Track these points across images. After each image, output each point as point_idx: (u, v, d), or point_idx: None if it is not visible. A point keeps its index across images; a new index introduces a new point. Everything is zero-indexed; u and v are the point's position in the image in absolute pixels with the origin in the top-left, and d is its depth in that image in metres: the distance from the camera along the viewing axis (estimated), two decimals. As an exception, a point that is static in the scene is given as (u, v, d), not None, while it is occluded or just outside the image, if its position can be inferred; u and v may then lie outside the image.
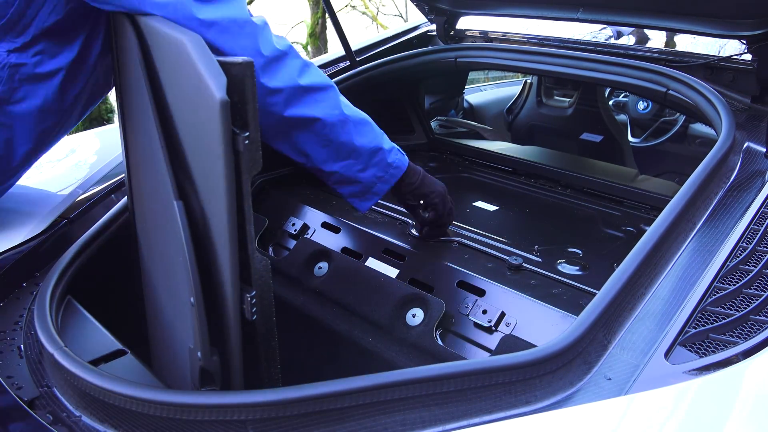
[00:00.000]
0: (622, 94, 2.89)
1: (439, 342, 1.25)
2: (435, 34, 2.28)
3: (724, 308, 0.94)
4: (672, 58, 1.79)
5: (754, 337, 0.87)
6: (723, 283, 0.98)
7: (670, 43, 2.02)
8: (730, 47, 1.74)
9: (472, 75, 3.25)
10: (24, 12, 1.16)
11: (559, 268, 1.37)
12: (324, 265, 1.49)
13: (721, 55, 1.73)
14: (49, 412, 0.99)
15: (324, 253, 1.51)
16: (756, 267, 1.00)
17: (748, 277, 0.98)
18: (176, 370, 1.10)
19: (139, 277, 1.31)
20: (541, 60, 1.87)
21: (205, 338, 0.93)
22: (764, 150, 1.33)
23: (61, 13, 1.17)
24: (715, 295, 0.96)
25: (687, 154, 2.62)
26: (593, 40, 2.10)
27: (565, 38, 2.08)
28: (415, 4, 2.22)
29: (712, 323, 0.91)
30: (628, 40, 2.15)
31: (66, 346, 1.03)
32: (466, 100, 2.91)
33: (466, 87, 2.94)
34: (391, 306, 1.32)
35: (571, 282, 1.31)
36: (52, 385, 1.04)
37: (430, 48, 2.14)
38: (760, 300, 0.93)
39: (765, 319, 0.91)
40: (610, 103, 2.85)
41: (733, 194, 1.19)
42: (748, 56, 1.63)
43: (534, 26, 2.16)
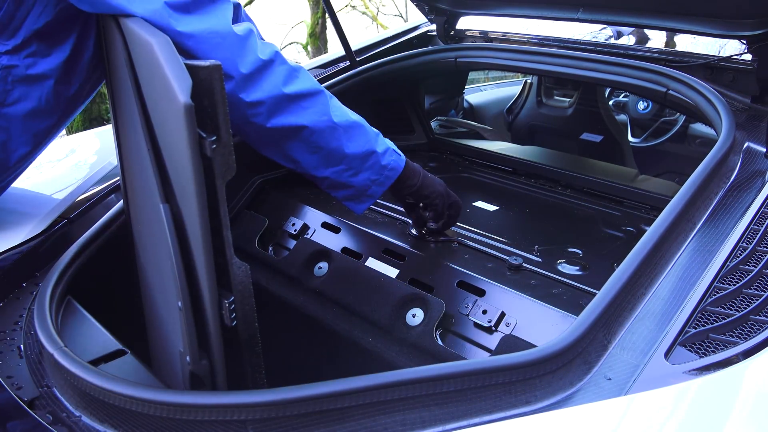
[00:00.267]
0: (622, 94, 2.89)
1: (439, 342, 1.25)
2: (435, 34, 2.28)
3: (724, 308, 0.94)
4: (672, 58, 1.79)
5: (754, 337, 0.87)
6: (723, 283, 0.98)
7: (670, 43, 2.02)
8: (730, 47, 1.74)
9: (472, 75, 3.25)
10: (13, 14, 1.15)
11: (559, 268, 1.37)
12: (324, 265, 1.49)
13: (721, 55, 1.73)
14: (49, 412, 0.99)
15: (324, 253, 1.51)
16: (756, 267, 1.00)
17: (748, 277, 0.98)
18: (173, 371, 1.10)
19: (137, 277, 1.30)
20: (541, 60, 1.87)
21: (194, 342, 0.92)
22: (764, 150, 1.33)
23: (51, 14, 1.17)
24: (715, 295, 0.96)
25: (687, 154, 2.62)
26: (593, 40, 2.10)
27: (565, 38, 2.08)
28: (415, 4, 2.22)
29: (712, 323, 0.91)
30: (628, 40, 2.15)
31: (66, 346, 1.03)
32: (466, 100, 2.91)
33: (466, 87, 2.94)
34: (391, 306, 1.32)
35: (571, 282, 1.31)
36: (52, 385, 1.04)
37: (430, 48, 2.14)
38: (760, 300, 0.93)
39: (765, 319, 0.91)
40: (610, 103, 2.85)
41: (733, 194, 1.19)
42: (748, 56, 1.63)
43: (534, 26, 2.16)
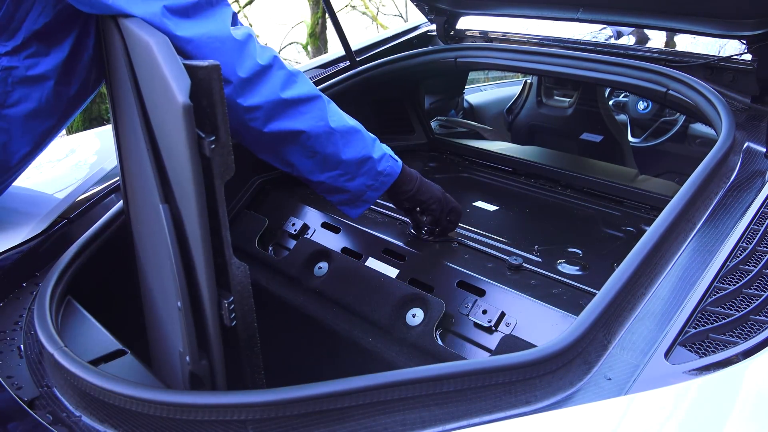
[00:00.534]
0: (622, 94, 2.89)
1: (439, 342, 1.25)
2: (435, 34, 2.28)
3: (724, 308, 0.94)
4: (672, 58, 1.79)
5: (754, 337, 0.87)
6: (723, 283, 0.98)
7: (670, 43, 2.02)
8: (730, 47, 1.74)
9: (472, 75, 3.24)
10: (13, 15, 1.15)
11: (559, 268, 1.37)
12: (324, 265, 1.49)
13: (721, 55, 1.73)
14: (49, 412, 0.99)
15: (324, 253, 1.51)
16: (756, 267, 1.00)
17: (748, 277, 0.98)
18: (172, 371, 1.10)
19: (137, 277, 1.30)
20: (541, 60, 1.87)
21: (193, 342, 0.92)
22: (764, 150, 1.33)
23: (50, 14, 1.16)
24: (715, 295, 0.96)
25: (687, 154, 2.62)
26: (593, 40, 2.10)
27: (565, 38, 2.08)
28: (415, 4, 2.22)
29: (712, 323, 0.91)
30: (628, 40, 2.15)
31: (66, 346, 1.03)
32: (466, 100, 2.91)
33: (466, 87, 2.94)
34: (391, 306, 1.32)
35: (571, 282, 1.31)
36: (52, 385, 1.04)
37: (430, 48, 2.14)
38: (760, 300, 0.93)
39: (765, 319, 0.91)
40: (610, 103, 2.85)
41: (733, 194, 1.19)
42: (748, 56, 1.63)
43: (534, 26, 2.16)
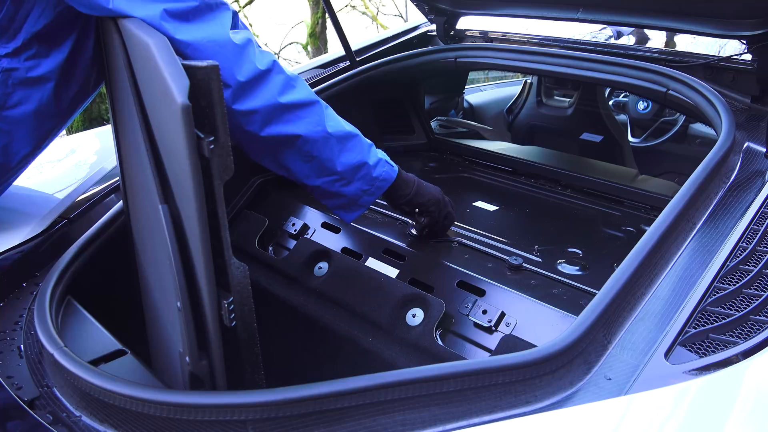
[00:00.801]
0: (622, 94, 2.89)
1: (439, 342, 1.25)
2: (435, 34, 2.28)
3: (724, 308, 0.94)
4: (672, 58, 1.79)
5: (754, 337, 0.87)
6: (723, 283, 0.98)
7: (670, 43, 2.02)
8: (730, 47, 1.74)
9: (472, 75, 3.24)
10: (13, 17, 1.15)
11: (559, 268, 1.37)
12: (324, 265, 1.49)
13: (721, 55, 1.73)
14: (49, 412, 0.99)
15: (324, 253, 1.51)
16: (756, 267, 1.00)
17: (748, 277, 0.98)
18: (173, 371, 1.10)
19: (137, 277, 1.30)
20: (541, 60, 1.87)
21: (193, 343, 0.92)
22: (764, 150, 1.33)
23: (50, 16, 1.16)
24: (715, 295, 0.96)
25: (687, 154, 2.62)
26: (593, 40, 2.10)
27: (565, 38, 2.08)
28: (415, 4, 2.22)
29: (712, 323, 0.91)
30: (628, 40, 2.15)
31: (66, 346, 1.03)
32: (466, 100, 2.91)
33: (466, 87, 2.94)
34: (391, 306, 1.32)
35: (571, 282, 1.31)
36: (52, 385, 1.04)
37: (430, 48, 2.14)
38: (760, 300, 0.93)
39: (765, 319, 0.91)
40: (610, 103, 2.85)
41: (733, 194, 1.19)
42: (748, 56, 1.63)
43: (534, 26, 2.16)
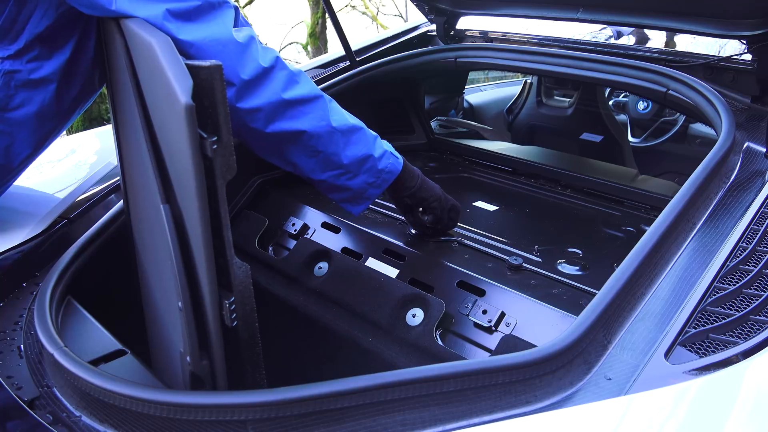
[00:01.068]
0: (622, 94, 2.89)
1: (439, 342, 1.25)
2: (435, 34, 2.28)
3: (724, 308, 0.94)
4: (672, 58, 1.79)
5: (754, 337, 0.87)
6: (723, 283, 0.98)
7: (670, 43, 2.02)
8: (730, 47, 1.74)
9: (472, 75, 3.24)
10: (15, 18, 1.15)
11: (559, 268, 1.37)
12: (324, 265, 1.49)
13: (721, 55, 1.73)
14: (49, 412, 0.99)
15: (324, 253, 1.51)
16: (756, 267, 1.00)
17: (748, 277, 0.98)
18: (173, 371, 1.10)
19: (137, 277, 1.30)
20: (541, 60, 1.87)
21: (194, 343, 0.92)
22: (764, 150, 1.33)
23: (52, 17, 1.16)
24: (715, 295, 0.96)
25: (687, 154, 2.62)
26: (593, 40, 2.10)
27: (565, 38, 2.08)
28: (415, 4, 2.22)
29: (712, 323, 0.91)
30: (628, 40, 2.15)
31: (66, 346, 1.03)
32: (466, 100, 2.91)
33: (466, 87, 2.94)
34: (391, 306, 1.32)
35: (571, 282, 1.31)
36: (52, 385, 1.04)
37: (430, 48, 2.14)
38: (760, 300, 0.93)
39: (765, 319, 0.91)
40: (610, 103, 2.85)
41: (733, 194, 1.19)
42: (748, 56, 1.63)
43: (534, 26, 2.16)
